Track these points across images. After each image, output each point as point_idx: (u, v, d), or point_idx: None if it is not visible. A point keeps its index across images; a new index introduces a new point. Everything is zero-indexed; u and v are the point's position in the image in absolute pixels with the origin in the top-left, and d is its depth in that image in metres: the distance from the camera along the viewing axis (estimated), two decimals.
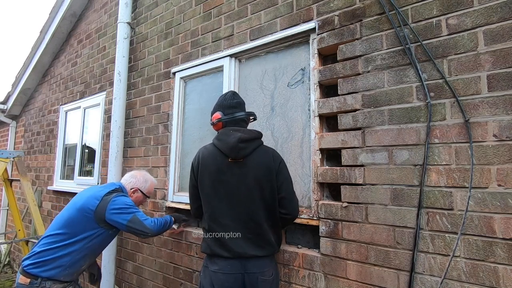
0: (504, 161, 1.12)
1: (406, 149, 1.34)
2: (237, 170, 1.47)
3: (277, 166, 1.49)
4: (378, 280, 1.34)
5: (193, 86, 2.47)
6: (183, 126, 2.49)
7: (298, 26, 1.78)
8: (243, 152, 1.47)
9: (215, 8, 2.30)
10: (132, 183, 1.98)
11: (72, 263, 1.70)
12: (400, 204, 1.32)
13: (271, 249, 1.49)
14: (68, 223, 1.71)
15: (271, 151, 1.55)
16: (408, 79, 1.37)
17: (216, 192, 1.50)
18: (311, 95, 1.70)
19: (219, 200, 1.49)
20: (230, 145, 1.46)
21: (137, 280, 2.59)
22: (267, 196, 1.47)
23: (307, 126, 1.75)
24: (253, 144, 1.50)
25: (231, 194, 1.48)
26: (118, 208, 1.72)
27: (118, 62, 2.88)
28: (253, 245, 1.45)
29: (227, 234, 1.46)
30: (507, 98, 1.13)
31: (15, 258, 4.97)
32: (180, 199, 2.36)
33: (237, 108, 1.60)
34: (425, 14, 1.35)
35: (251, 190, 1.46)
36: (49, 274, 1.65)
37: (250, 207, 1.46)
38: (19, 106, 5.35)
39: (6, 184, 3.01)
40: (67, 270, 1.69)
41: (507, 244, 1.09)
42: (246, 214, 1.46)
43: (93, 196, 1.76)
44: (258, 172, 1.46)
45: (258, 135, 1.54)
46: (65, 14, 4.07)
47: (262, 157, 1.49)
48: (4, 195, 5.23)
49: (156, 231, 1.79)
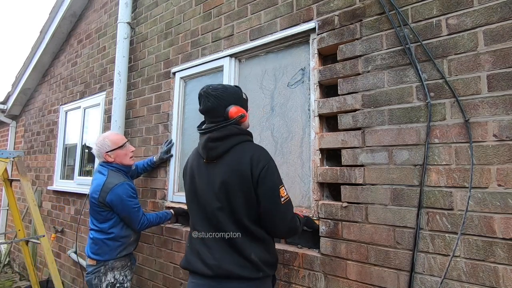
0: (504, 161, 1.12)
1: (406, 149, 1.34)
2: (208, 172, 1.30)
3: (257, 173, 1.19)
4: (378, 280, 1.34)
5: (193, 86, 2.47)
6: (182, 126, 2.49)
7: (298, 26, 1.78)
8: (213, 153, 1.27)
9: (215, 8, 2.30)
10: (101, 153, 2.04)
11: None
12: (400, 204, 1.32)
13: (254, 270, 1.21)
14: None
15: (252, 152, 1.24)
16: (408, 79, 1.37)
17: (191, 196, 1.37)
18: (311, 95, 1.70)
19: (194, 204, 1.35)
20: (201, 144, 1.32)
21: (137, 280, 2.59)
22: (237, 208, 1.22)
23: (307, 126, 1.75)
24: (226, 143, 1.27)
25: (201, 199, 1.31)
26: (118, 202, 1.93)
27: (118, 62, 2.88)
28: (231, 261, 1.21)
29: (203, 245, 1.27)
30: (507, 98, 1.13)
31: (15, 258, 4.97)
32: (179, 199, 2.36)
33: (207, 115, 1.36)
34: (425, 14, 1.35)
35: (217, 197, 1.24)
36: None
37: (217, 216, 1.25)
38: (19, 106, 5.34)
39: (6, 184, 3.01)
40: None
41: (507, 244, 1.09)
42: (215, 223, 1.26)
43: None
44: (226, 176, 1.22)
45: (235, 132, 1.28)
46: (65, 14, 4.06)
47: (235, 159, 1.24)
48: (4, 195, 5.23)
49: (144, 228, 2.01)
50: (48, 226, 4.00)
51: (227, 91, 1.34)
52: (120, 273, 1.98)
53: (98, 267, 1.92)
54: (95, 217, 1.98)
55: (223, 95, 1.32)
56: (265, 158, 1.25)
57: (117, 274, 1.96)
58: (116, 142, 2.07)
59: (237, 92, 1.38)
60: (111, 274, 1.94)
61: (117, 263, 1.96)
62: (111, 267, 1.94)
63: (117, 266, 1.97)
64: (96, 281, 1.90)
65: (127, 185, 1.97)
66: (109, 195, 1.89)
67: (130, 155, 2.13)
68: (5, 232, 5.31)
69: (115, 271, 1.95)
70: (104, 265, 1.93)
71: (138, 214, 1.95)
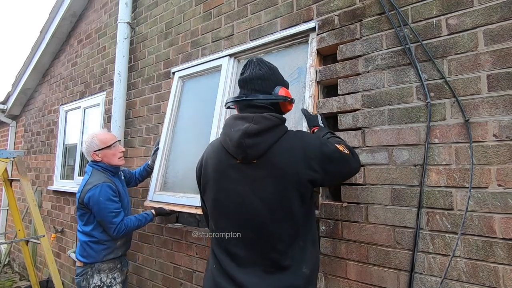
0: (504, 161, 1.12)
1: (406, 149, 1.34)
2: (249, 175, 1.05)
3: (318, 153, 1.03)
4: (378, 280, 1.34)
5: (191, 85, 2.45)
6: (175, 124, 2.44)
7: (298, 26, 1.78)
8: (254, 152, 1.02)
9: (215, 8, 2.30)
10: (89, 152, 1.98)
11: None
12: (400, 204, 1.32)
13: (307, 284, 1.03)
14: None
15: (301, 137, 1.07)
16: (408, 79, 1.37)
17: (221, 206, 1.10)
18: (306, 92, 1.67)
19: (224, 217, 1.10)
20: (234, 142, 1.03)
21: (137, 280, 2.59)
22: (295, 210, 1.02)
23: (299, 123, 1.71)
24: (270, 136, 1.04)
25: (240, 210, 1.05)
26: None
27: (118, 62, 2.88)
28: (275, 283, 1.01)
29: (238, 268, 1.04)
30: (507, 98, 1.13)
31: (15, 258, 4.97)
32: (160, 198, 2.24)
33: (251, 84, 1.12)
34: (425, 14, 1.35)
35: (270, 204, 1.02)
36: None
37: (269, 228, 1.02)
38: (19, 106, 5.34)
39: (6, 184, 3.01)
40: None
41: (507, 244, 1.09)
42: (263, 239, 1.03)
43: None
44: (281, 174, 1.02)
45: (276, 122, 1.07)
46: (65, 14, 4.06)
47: (285, 157, 1.02)
48: (4, 195, 5.23)
49: (122, 235, 1.92)
50: (48, 226, 4.00)
51: (277, 69, 1.19)
52: (108, 275, 1.93)
53: (85, 269, 1.90)
54: (80, 218, 1.95)
55: (275, 69, 1.16)
56: (315, 138, 1.10)
57: (104, 276, 1.91)
58: (105, 141, 1.99)
59: (282, 76, 1.21)
60: (98, 277, 1.90)
61: (103, 266, 1.92)
62: (97, 269, 1.90)
63: (104, 268, 1.92)
64: (84, 283, 1.88)
65: (107, 187, 1.87)
66: (87, 195, 1.84)
67: (118, 155, 2.05)
68: (5, 232, 5.31)
69: (101, 273, 1.91)
70: (91, 267, 1.90)
71: (114, 220, 1.85)
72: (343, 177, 1.25)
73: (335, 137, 1.32)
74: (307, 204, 1.07)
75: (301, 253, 1.05)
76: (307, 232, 1.09)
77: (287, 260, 1.02)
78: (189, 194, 2.08)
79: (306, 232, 1.08)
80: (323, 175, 1.04)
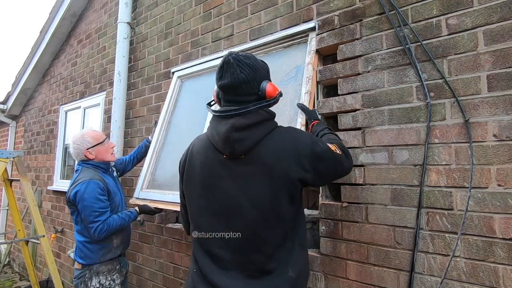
0: (504, 161, 1.12)
1: (406, 149, 1.34)
2: (237, 171, 1.01)
3: (309, 151, 1.00)
4: (378, 280, 1.34)
5: (189, 84, 2.44)
6: (169, 121, 2.42)
7: (298, 26, 1.78)
8: (241, 146, 0.98)
9: (215, 8, 2.30)
10: (81, 151, 1.93)
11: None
12: (400, 204, 1.32)
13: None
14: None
15: (292, 134, 1.04)
16: (408, 79, 1.37)
17: (205, 205, 1.05)
18: (302, 88, 1.65)
19: (210, 216, 1.04)
20: (221, 136, 0.99)
21: (137, 280, 2.59)
22: (284, 210, 0.99)
23: (293, 120, 1.68)
24: (258, 130, 1.00)
25: (226, 209, 1.01)
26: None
27: (118, 62, 2.88)
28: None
29: (221, 271, 0.99)
30: (507, 98, 1.13)
31: (15, 258, 4.97)
32: (146, 196, 2.18)
33: (235, 90, 1.03)
34: (425, 14, 1.35)
35: (258, 203, 0.98)
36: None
37: (256, 228, 0.98)
38: (19, 106, 5.34)
39: (6, 184, 3.01)
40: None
41: (507, 244, 1.09)
42: (250, 240, 0.99)
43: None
44: (265, 176, 0.98)
45: (266, 116, 1.04)
46: (65, 14, 4.06)
47: (273, 153, 0.99)
48: (4, 195, 5.22)
49: (103, 236, 1.80)
50: (48, 226, 4.00)
51: (258, 62, 1.06)
52: (107, 277, 1.89)
53: (84, 271, 1.86)
54: (73, 218, 1.91)
55: (257, 66, 1.04)
56: (309, 135, 1.07)
57: (103, 279, 1.88)
58: (96, 138, 1.96)
59: (266, 66, 1.11)
60: (96, 279, 1.86)
61: (102, 268, 1.88)
62: (96, 271, 1.86)
63: (103, 270, 1.88)
64: (82, 286, 1.85)
65: (95, 184, 1.80)
66: (73, 191, 1.79)
67: (111, 151, 2.03)
68: (5, 232, 5.31)
69: (100, 275, 1.87)
70: (89, 269, 1.86)
71: (95, 219, 1.76)
72: (335, 177, 1.21)
73: (332, 133, 1.33)
74: (296, 204, 1.03)
75: (288, 255, 1.01)
76: (295, 233, 1.05)
77: (273, 263, 0.99)
78: (176, 192, 2.03)
79: (294, 233, 1.04)
80: (314, 174, 1.01)
